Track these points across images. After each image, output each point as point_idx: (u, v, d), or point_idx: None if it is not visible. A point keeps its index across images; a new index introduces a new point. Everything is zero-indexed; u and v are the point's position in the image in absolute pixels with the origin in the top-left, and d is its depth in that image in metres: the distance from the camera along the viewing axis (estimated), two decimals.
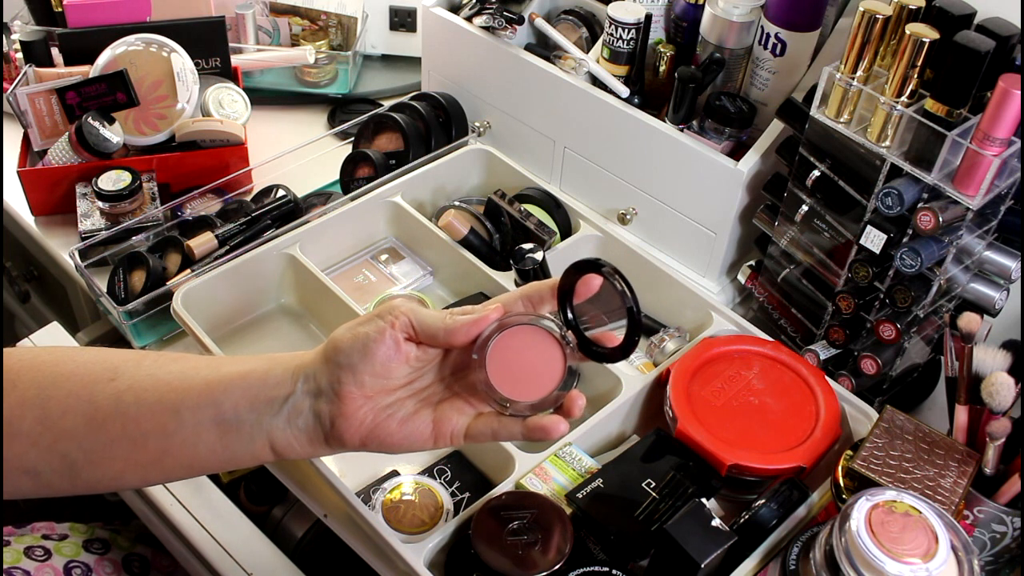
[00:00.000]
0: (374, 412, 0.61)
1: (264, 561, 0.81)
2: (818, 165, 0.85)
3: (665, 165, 0.98)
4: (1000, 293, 0.84)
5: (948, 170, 0.75)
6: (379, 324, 0.60)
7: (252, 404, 0.61)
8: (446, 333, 0.61)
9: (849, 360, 0.89)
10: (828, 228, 0.86)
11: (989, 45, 0.70)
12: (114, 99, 1.08)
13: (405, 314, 0.61)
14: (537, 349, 0.62)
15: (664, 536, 0.67)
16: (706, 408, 0.79)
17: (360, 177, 1.09)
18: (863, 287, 0.84)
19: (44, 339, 0.97)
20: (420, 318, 0.61)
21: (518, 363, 0.62)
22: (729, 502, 0.81)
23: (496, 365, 0.62)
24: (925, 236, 0.78)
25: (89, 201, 1.07)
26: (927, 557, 0.57)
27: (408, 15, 1.34)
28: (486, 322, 0.61)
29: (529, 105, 1.09)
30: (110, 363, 0.63)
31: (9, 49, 1.22)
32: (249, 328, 0.96)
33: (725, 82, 0.99)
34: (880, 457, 0.70)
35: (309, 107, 1.32)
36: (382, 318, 0.61)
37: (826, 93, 0.80)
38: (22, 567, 0.83)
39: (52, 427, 0.60)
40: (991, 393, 0.69)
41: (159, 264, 0.97)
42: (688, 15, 1.00)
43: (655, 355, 0.91)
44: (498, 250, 0.99)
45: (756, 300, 0.99)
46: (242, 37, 1.29)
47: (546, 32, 1.08)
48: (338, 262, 1.01)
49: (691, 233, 1.00)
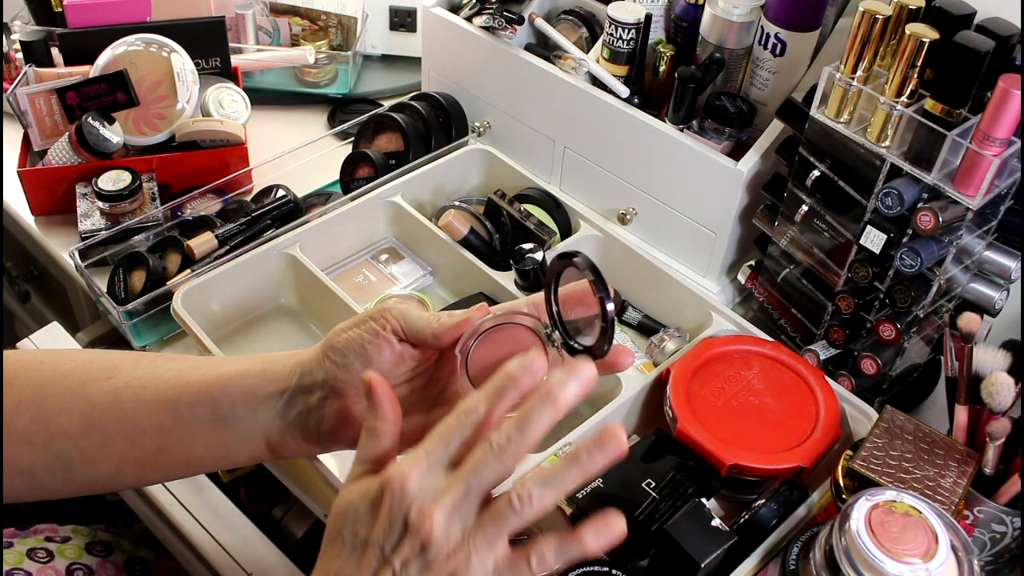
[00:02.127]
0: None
1: (264, 561, 0.81)
2: (818, 165, 0.85)
3: (665, 165, 0.98)
4: (1000, 293, 0.84)
5: (948, 170, 0.75)
6: (372, 326, 0.60)
7: (249, 401, 0.61)
8: (433, 335, 0.60)
9: (849, 360, 0.89)
10: (828, 228, 0.86)
11: (989, 45, 0.70)
12: (114, 99, 1.08)
13: (396, 316, 0.60)
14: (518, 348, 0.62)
15: (664, 536, 0.67)
16: (706, 408, 0.79)
17: (360, 177, 1.09)
18: (863, 287, 0.85)
19: (44, 339, 0.97)
20: (409, 321, 0.60)
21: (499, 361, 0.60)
22: (729, 502, 0.81)
23: (477, 363, 0.61)
24: (925, 236, 0.78)
25: (89, 201, 1.07)
26: (927, 557, 0.57)
27: (408, 15, 1.34)
28: (469, 323, 0.61)
29: (529, 105, 1.09)
30: (108, 362, 0.63)
31: (9, 49, 1.22)
32: (249, 328, 0.96)
33: (725, 82, 0.99)
34: (880, 457, 0.70)
35: (309, 107, 1.32)
36: (374, 320, 0.61)
37: (826, 93, 0.80)
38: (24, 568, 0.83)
39: (48, 425, 0.60)
40: (991, 393, 0.69)
41: (159, 264, 0.97)
42: (688, 15, 1.00)
43: (655, 355, 0.91)
44: (498, 250, 0.99)
45: (756, 300, 0.99)
46: (242, 37, 1.29)
47: (546, 32, 1.08)
48: (338, 262, 1.01)
49: (691, 233, 1.00)
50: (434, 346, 0.61)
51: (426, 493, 0.49)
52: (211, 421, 0.61)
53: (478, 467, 0.49)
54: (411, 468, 0.49)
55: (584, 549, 0.50)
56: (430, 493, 0.48)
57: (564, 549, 0.50)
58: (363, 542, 0.50)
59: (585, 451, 0.49)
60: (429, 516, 0.47)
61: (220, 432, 0.61)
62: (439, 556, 0.48)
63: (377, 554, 0.49)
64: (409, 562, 0.48)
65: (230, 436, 0.62)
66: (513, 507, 0.48)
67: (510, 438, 0.48)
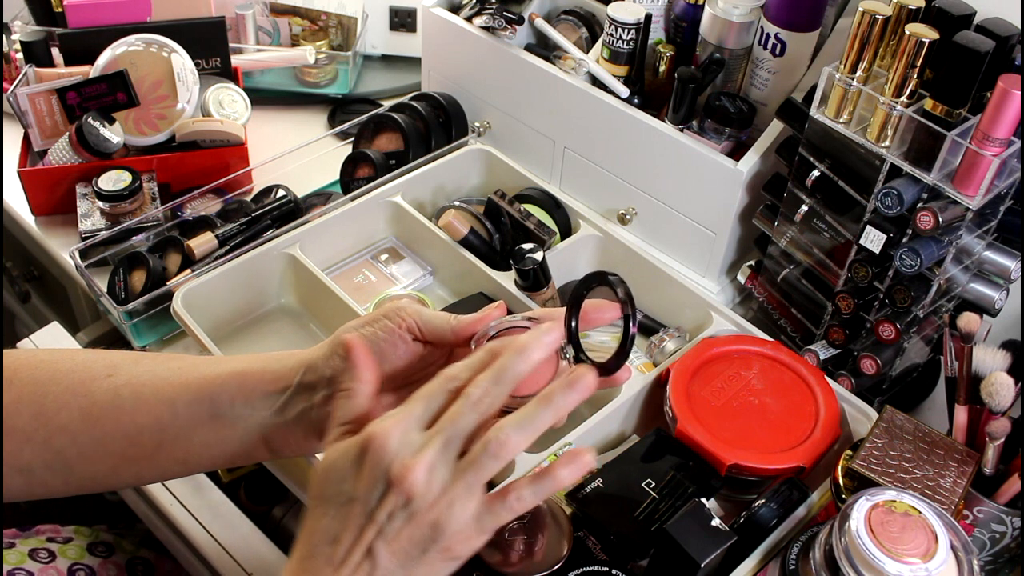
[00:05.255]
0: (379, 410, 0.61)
1: (264, 561, 0.82)
2: (818, 165, 0.85)
3: (665, 165, 0.98)
4: (1000, 293, 0.84)
5: (948, 170, 0.75)
6: (387, 324, 0.61)
7: (247, 399, 0.61)
8: (452, 330, 0.62)
9: (849, 360, 0.89)
10: (828, 228, 0.86)
11: (989, 45, 0.70)
12: (114, 99, 1.08)
13: (411, 315, 0.62)
14: None
15: (664, 536, 0.67)
16: (706, 408, 0.79)
17: (360, 177, 1.09)
18: (863, 287, 0.85)
19: (44, 339, 0.97)
20: (426, 318, 0.62)
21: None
22: (729, 502, 0.81)
23: None
24: (925, 236, 0.78)
25: (89, 201, 1.07)
26: (927, 557, 0.57)
27: (408, 15, 1.34)
28: (490, 319, 0.62)
29: (529, 105, 1.09)
30: (109, 361, 0.64)
31: (9, 49, 1.22)
32: (249, 328, 0.96)
33: (725, 82, 0.99)
34: (880, 457, 0.70)
35: (309, 107, 1.32)
36: (389, 318, 0.62)
37: (826, 93, 0.80)
38: (26, 568, 0.83)
39: (47, 423, 0.60)
40: (991, 393, 0.69)
41: (159, 264, 0.97)
42: (688, 15, 1.00)
43: (655, 355, 0.91)
44: (498, 250, 0.99)
45: (756, 300, 0.99)
46: (242, 37, 1.29)
47: (546, 32, 1.08)
48: (338, 262, 1.01)
49: (691, 233, 1.00)
50: (452, 341, 0.62)
51: (406, 448, 0.51)
52: (209, 418, 0.61)
53: (455, 418, 0.51)
54: (392, 426, 0.51)
55: (558, 483, 0.52)
56: (410, 448, 0.50)
57: (540, 485, 0.52)
58: (348, 499, 0.51)
59: (558, 391, 0.52)
60: (411, 469, 0.49)
61: (218, 429, 0.62)
62: (422, 507, 0.50)
63: (362, 509, 0.51)
64: (394, 515, 0.50)
65: (228, 433, 0.62)
66: (489, 451, 0.50)
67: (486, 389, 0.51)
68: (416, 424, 0.52)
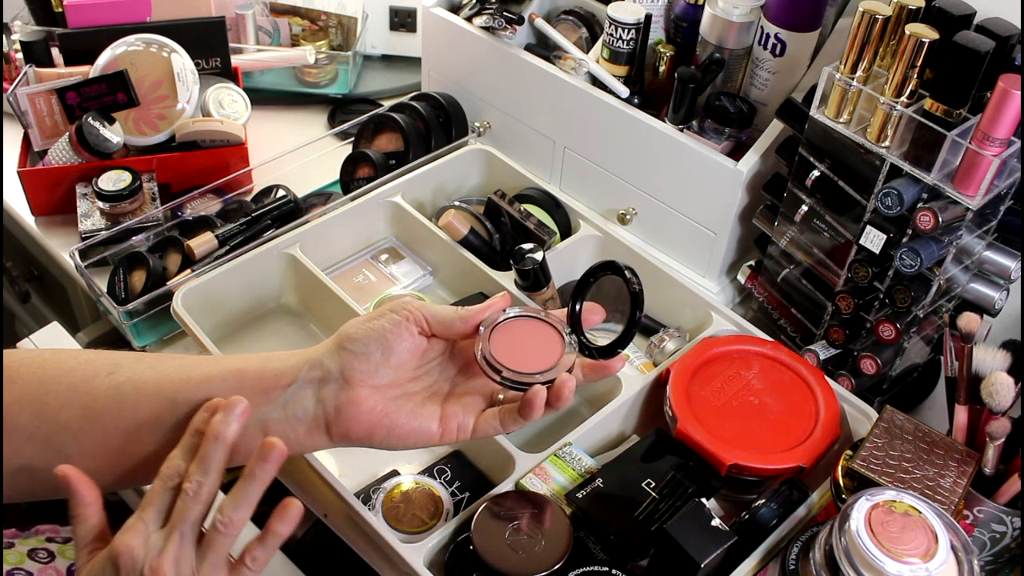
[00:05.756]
0: (383, 402, 0.63)
1: None
2: (818, 165, 0.85)
3: (665, 165, 0.98)
4: (1000, 293, 0.84)
5: (948, 170, 0.75)
6: (394, 318, 0.64)
7: (246, 395, 0.61)
8: (462, 319, 0.65)
9: (849, 360, 0.89)
10: (828, 228, 0.86)
11: (989, 45, 0.71)
12: (114, 99, 1.08)
13: (418, 309, 0.65)
14: (539, 337, 0.67)
15: (664, 536, 0.67)
16: (706, 408, 0.79)
17: (360, 177, 1.09)
18: (863, 287, 0.85)
19: (44, 339, 0.97)
20: (433, 311, 0.65)
21: (518, 342, 0.66)
22: (729, 502, 0.81)
23: (498, 339, 0.66)
24: (925, 236, 0.78)
25: (89, 201, 1.07)
26: (927, 557, 0.57)
27: (408, 15, 1.34)
28: (498, 307, 0.67)
29: (529, 105, 1.09)
30: (111, 359, 0.64)
31: (9, 49, 1.22)
32: (249, 328, 0.96)
33: (725, 82, 0.99)
34: (880, 457, 0.70)
35: (309, 107, 1.32)
36: (396, 312, 0.64)
37: (826, 93, 0.80)
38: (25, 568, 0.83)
39: (49, 420, 0.61)
40: (991, 393, 0.69)
41: (159, 264, 0.97)
42: (688, 15, 1.00)
43: (655, 355, 0.91)
44: (498, 250, 0.99)
45: (756, 300, 0.99)
46: (242, 37, 1.29)
47: (546, 32, 1.08)
48: (338, 262, 1.01)
49: (691, 233, 1.00)
50: (461, 331, 0.66)
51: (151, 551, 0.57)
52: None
53: (183, 513, 0.57)
54: (132, 537, 0.57)
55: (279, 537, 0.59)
56: (154, 550, 0.57)
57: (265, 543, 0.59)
58: None
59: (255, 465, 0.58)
60: (159, 568, 0.56)
61: None
62: None
63: None
64: None
65: None
66: (220, 532, 0.57)
67: (200, 482, 0.58)
68: (154, 527, 0.57)
